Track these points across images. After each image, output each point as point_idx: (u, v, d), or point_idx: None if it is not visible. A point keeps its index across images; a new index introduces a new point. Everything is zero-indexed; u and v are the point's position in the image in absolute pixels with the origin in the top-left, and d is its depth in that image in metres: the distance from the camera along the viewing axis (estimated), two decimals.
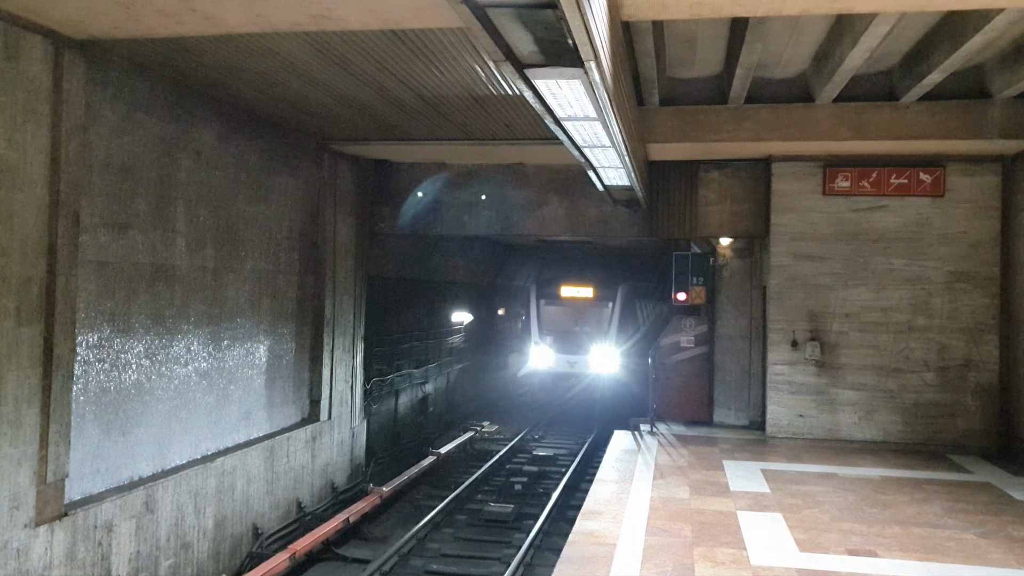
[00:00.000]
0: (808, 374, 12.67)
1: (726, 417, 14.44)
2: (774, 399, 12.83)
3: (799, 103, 11.51)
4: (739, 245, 14.48)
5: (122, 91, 8.63)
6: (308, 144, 12.66)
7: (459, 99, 9.98)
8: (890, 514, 8.74)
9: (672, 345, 14.92)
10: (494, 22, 4.79)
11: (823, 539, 7.78)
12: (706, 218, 13.72)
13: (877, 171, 12.43)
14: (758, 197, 13.36)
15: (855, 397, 12.55)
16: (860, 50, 8.97)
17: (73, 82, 7.60)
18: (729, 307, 14.52)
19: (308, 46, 8.16)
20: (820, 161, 12.60)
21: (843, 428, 12.59)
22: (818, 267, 12.67)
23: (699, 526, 8.10)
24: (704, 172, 13.67)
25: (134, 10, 6.62)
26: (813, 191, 12.68)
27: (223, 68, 9.04)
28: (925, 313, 12.39)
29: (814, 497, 9.34)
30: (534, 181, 14.23)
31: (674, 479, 10.09)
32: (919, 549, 7.57)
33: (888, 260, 12.49)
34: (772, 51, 10.43)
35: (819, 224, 12.67)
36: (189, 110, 9.75)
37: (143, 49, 8.39)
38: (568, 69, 5.48)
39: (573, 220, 14.23)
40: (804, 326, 12.67)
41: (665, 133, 11.90)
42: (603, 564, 6.92)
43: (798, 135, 11.61)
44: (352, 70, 8.89)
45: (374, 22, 6.70)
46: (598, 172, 10.31)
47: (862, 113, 11.42)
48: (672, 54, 10.80)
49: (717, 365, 14.53)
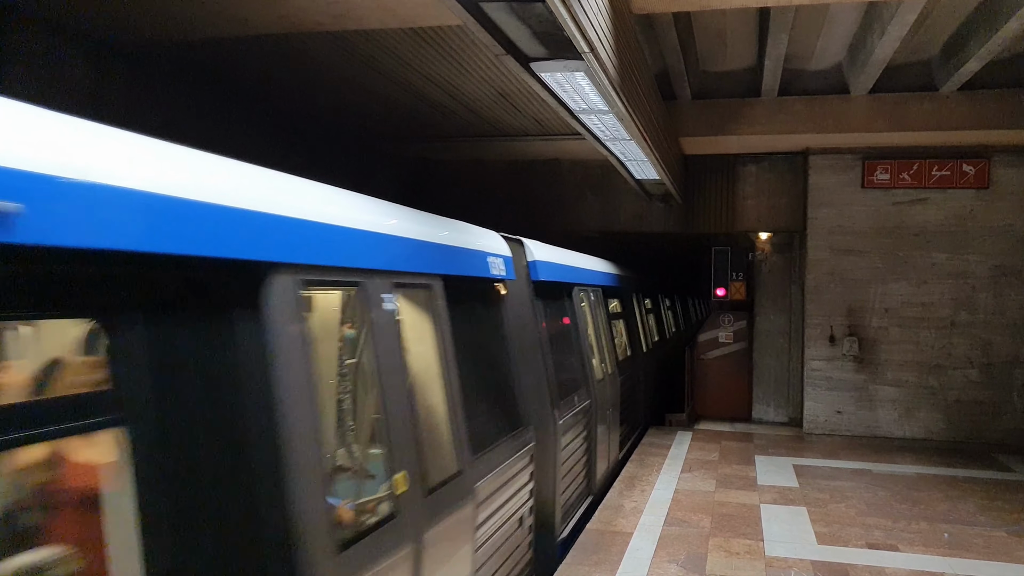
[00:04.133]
0: (846, 370, 12.48)
1: (765, 414, 14.31)
2: (811, 395, 12.68)
3: (834, 95, 11.36)
4: (778, 240, 14.33)
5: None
6: (350, 144, 12.96)
7: (487, 96, 10.15)
8: (919, 510, 8.60)
9: (710, 340, 14.83)
10: (491, 16, 4.94)
11: (844, 533, 7.71)
12: (743, 213, 13.61)
13: (918, 163, 12.18)
14: (796, 191, 13.20)
15: (895, 394, 12.31)
16: (890, 39, 8.85)
17: None
18: (768, 303, 14.37)
19: (334, 47, 8.41)
20: (859, 154, 12.40)
21: (883, 425, 12.37)
22: (856, 261, 12.46)
23: (719, 518, 8.11)
24: (741, 166, 13.56)
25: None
26: (851, 184, 12.49)
27: (258, 71, 9.38)
28: (968, 308, 12.09)
29: (842, 492, 9.23)
30: (569, 177, 14.31)
31: (702, 472, 10.07)
32: (943, 545, 7.44)
33: (929, 254, 12.22)
34: (804, 43, 10.34)
35: (858, 218, 12.46)
36: (226, 112, 10.14)
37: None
38: (572, 62, 5.59)
39: (608, 216, 14.26)
40: (842, 321, 12.49)
41: (697, 127, 11.88)
42: (616, 552, 7.00)
43: (834, 127, 11.47)
44: (379, 68, 9.12)
45: (392, 20, 6.92)
46: (625, 166, 10.37)
47: (900, 104, 11.22)
48: (703, 48, 10.78)
49: (756, 361, 14.39)
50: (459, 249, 4.74)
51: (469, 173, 14.67)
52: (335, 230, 3.35)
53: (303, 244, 3.04)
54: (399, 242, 3.99)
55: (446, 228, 4.78)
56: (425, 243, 4.28)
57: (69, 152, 2.06)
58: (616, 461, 10.16)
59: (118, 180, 2.16)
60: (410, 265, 4.08)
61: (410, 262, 4.08)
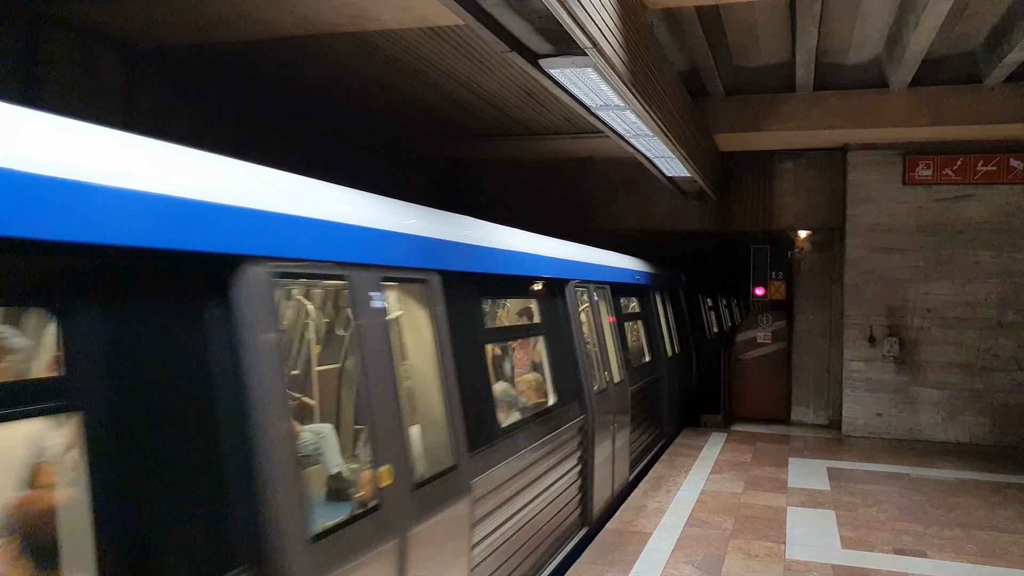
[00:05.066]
0: (886, 371, 12.16)
1: (804, 416, 14.03)
2: (850, 397, 12.38)
3: (871, 89, 11.08)
4: (818, 238, 14.03)
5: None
6: (380, 144, 13.11)
7: (512, 94, 10.15)
8: (955, 516, 8.33)
9: (748, 341, 14.60)
10: (492, 14, 4.95)
11: (871, 537, 7.51)
12: (781, 210, 13.36)
13: (962, 158, 11.80)
14: (835, 188, 12.90)
15: (937, 396, 11.95)
16: (924, 30, 8.60)
17: None
18: (808, 302, 14.08)
19: (356, 48, 8.49)
20: (899, 149, 12.07)
21: (924, 428, 12.02)
22: (897, 260, 12.13)
23: (743, 519, 7.97)
24: (778, 163, 13.32)
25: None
26: (892, 180, 12.16)
27: (286, 74, 9.54)
28: (1016, 308, 11.67)
29: (875, 496, 9.00)
30: (602, 176, 14.22)
31: (731, 474, 9.92)
32: (975, 552, 7.20)
33: (974, 252, 11.83)
34: (838, 36, 10.11)
35: (898, 215, 12.13)
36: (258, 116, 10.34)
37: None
38: (578, 58, 5.57)
39: (643, 214, 14.14)
40: (882, 321, 12.17)
41: (731, 123, 11.70)
42: (632, 551, 6.93)
43: (872, 122, 11.18)
44: (403, 69, 9.19)
45: (408, 20, 6.97)
46: (654, 162, 10.28)
47: (941, 98, 10.88)
48: (734, 43, 10.62)
49: (795, 362, 14.12)
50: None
51: (501, 173, 14.69)
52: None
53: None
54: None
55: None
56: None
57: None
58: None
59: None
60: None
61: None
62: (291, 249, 3.16)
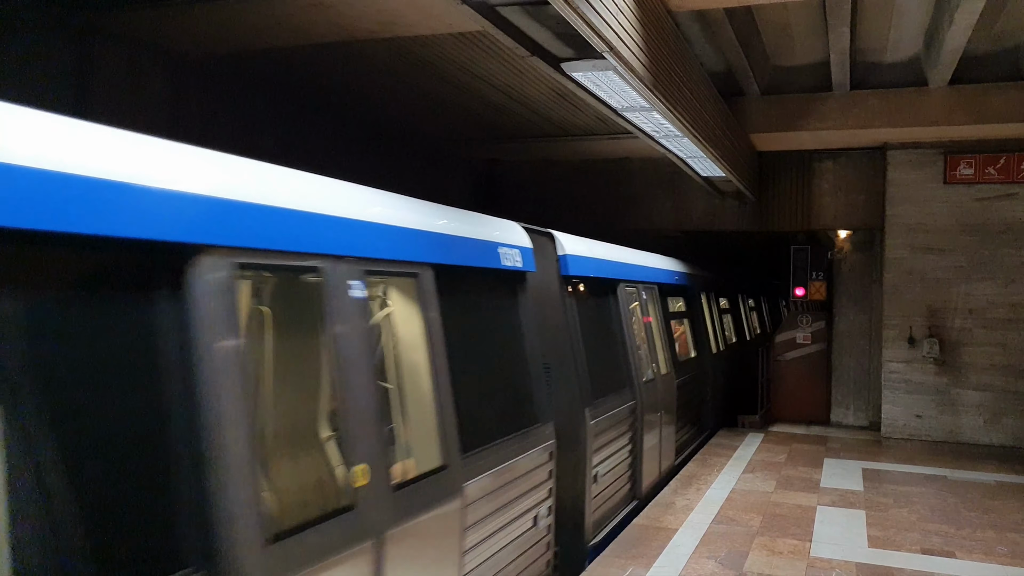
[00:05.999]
0: (927, 373, 11.99)
1: (844, 417, 13.89)
2: (889, 398, 12.24)
3: (910, 87, 10.96)
4: (858, 238, 13.89)
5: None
6: (420, 148, 13.35)
7: (545, 96, 10.29)
8: (990, 519, 8.23)
9: (788, 341, 14.51)
10: (510, 20, 5.12)
11: (900, 538, 7.48)
12: (820, 210, 13.27)
13: (1005, 157, 11.59)
14: (875, 187, 12.76)
15: (979, 398, 11.75)
16: (959, 28, 8.51)
17: None
18: (848, 302, 13.95)
19: (391, 53, 8.70)
20: (940, 148, 11.90)
21: (966, 431, 11.83)
22: (938, 260, 11.96)
23: (770, 518, 8.00)
24: (817, 162, 13.23)
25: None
26: (933, 180, 11.99)
27: (326, 80, 9.83)
28: None
29: (908, 497, 8.93)
30: (639, 176, 14.28)
31: (763, 474, 9.92)
32: (1007, 554, 7.12)
33: (1018, 252, 11.61)
34: (874, 34, 10.05)
35: (939, 215, 11.96)
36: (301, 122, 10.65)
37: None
38: (598, 61, 5.71)
39: (680, 214, 14.16)
40: (922, 322, 12.01)
41: (768, 123, 11.68)
42: (656, 547, 7.03)
43: (911, 121, 11.06)
44: (438, 74, 9.39)
45: (439, 25, 7.18)
46: (687, 163, 10.33)
47: (982, 95, 10.71)
48: (769, 42, 10.63)
49: (835, 363, 13.99)
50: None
51: (539, 174, 14.84)
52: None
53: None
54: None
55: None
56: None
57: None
58: (672, 465, 9.91)
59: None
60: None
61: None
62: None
